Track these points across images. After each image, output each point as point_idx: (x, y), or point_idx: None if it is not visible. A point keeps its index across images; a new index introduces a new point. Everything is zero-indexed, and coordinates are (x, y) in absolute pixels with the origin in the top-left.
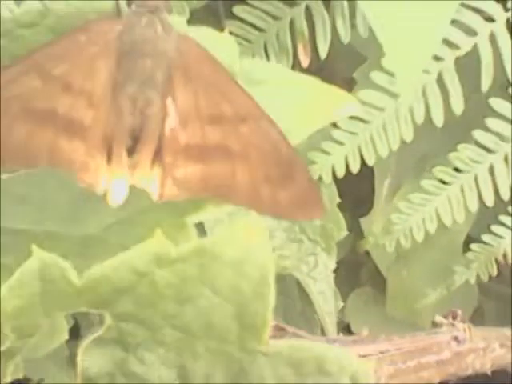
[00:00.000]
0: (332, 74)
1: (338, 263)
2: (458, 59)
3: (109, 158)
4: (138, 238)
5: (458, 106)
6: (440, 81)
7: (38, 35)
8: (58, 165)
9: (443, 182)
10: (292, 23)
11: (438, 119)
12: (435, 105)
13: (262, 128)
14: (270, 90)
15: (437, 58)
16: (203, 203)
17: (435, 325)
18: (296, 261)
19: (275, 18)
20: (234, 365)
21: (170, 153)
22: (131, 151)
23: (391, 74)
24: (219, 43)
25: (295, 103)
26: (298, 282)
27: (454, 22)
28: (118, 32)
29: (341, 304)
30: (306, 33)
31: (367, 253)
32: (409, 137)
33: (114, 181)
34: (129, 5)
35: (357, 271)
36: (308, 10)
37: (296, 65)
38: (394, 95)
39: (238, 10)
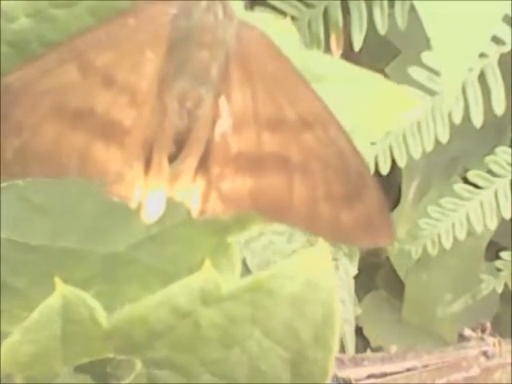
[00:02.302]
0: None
1: None
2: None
3: (147, 167)
4: (172, 258)
5: (499, 105)
6: (481, 78)
7: (75, 17)
8: (88, 175)
9: (476, 186)
10: (326, 12)
11: (477, 119)
12: (475, 104)
13: (330, 136)
14: (332, 87)
15: (481, 54)
16: (248, 221)
17: (463, 338)
18: None
19: (308, 5)
20: None
21: (218, 162)
22: (172, 159)
23: (431, 71)
24: (278, 31)
25: (359, 103)
26: None
27: None
28: (172, 16)
29: (359, 310)
30: (341, 22)
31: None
32: (445, 138)
33: (150, 193)
34: None
35: (373, 274)
36: None
37: None
38: (431, 92)
39: None
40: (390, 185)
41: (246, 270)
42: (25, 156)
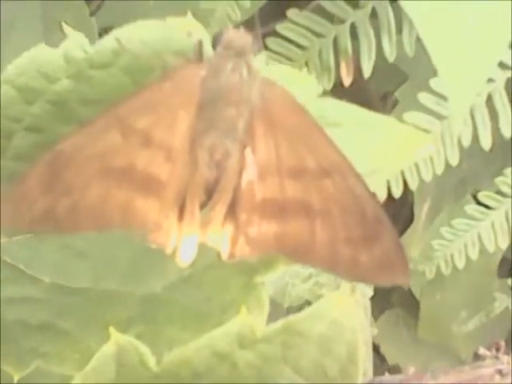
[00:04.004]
0: (363, 90)
1: None
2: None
3: (180, 215)
4: (205, 298)
5: (507, 128)
6: (489, 102)
7: (111, 76)
8: (130, 226)
9: (487, 207)
10: (335, 40)
11: (486, 142)
12: (483, 127)
13: (348, 184)
14: (345, 133)
15: (488, 80)
16: (273, 262)
17: (477, 357)
18: (332, 288)
19: (319, 35)
20: None
21: (245, 208)
22: (203, 207)
23: (440, 96)
24: (296, 81)
25: (372, 146)
26: None
27: None
28: (202, 78)
29: (375, 331)
30: (350, 51)
31: None
32: (455, 160)
33: (184, 239)
34: (214, 46)
35: (388, 292)
36: (352, 27)
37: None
38: (440, 117)
39: (280, 27)
40: (403, 205)
41: None
42: (75, 213)
